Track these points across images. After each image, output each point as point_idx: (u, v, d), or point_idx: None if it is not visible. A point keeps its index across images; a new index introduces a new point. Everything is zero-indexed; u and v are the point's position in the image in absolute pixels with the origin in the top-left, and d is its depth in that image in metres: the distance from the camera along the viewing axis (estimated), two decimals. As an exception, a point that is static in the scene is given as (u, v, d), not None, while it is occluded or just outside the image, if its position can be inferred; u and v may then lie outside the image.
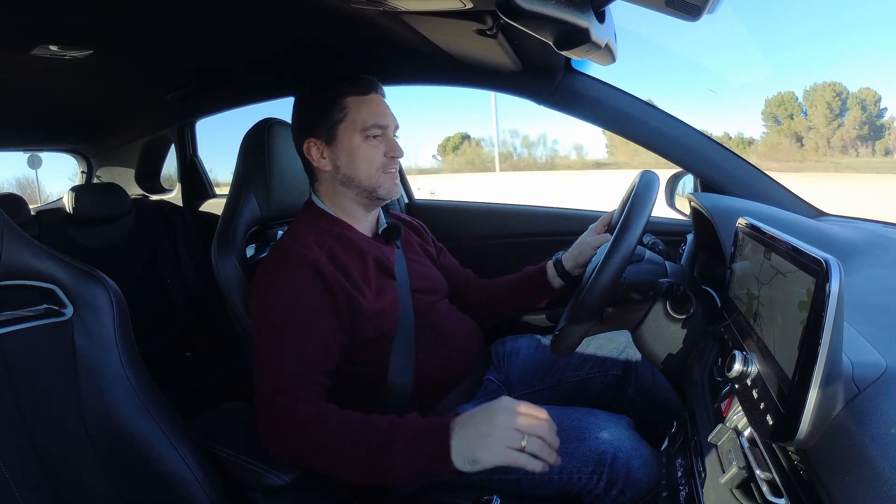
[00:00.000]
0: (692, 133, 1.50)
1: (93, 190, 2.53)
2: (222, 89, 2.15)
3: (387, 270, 1.28)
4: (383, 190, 1.27)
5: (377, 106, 1.25)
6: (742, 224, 0.85)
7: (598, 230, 1.40)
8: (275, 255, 1.19)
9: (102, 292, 0.96)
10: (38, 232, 2.29)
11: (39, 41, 1.34)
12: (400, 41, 1.39)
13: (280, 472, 1.05)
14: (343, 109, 1.23)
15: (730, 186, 1.46)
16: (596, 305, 1.01)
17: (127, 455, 0.94)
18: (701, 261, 1.36)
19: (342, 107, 1.23)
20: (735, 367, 0.68)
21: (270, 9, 1.27)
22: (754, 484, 0.62)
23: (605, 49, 0.92)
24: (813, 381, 0.51)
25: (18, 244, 0.87)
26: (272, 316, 1.11)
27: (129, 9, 1.23)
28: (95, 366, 0.93)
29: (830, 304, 0.50)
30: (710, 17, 0.88)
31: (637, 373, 1.36)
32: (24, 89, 1.89)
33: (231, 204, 1.36)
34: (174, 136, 2.69)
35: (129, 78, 1.90)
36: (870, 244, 1.12)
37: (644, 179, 1.10)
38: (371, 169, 1.24)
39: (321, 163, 1.26)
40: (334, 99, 1.23)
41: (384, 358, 1.21)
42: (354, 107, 1.23)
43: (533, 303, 1.50)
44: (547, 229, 1.90)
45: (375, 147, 1.24)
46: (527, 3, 0.69)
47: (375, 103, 1.25)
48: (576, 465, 1.06)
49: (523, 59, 1.41)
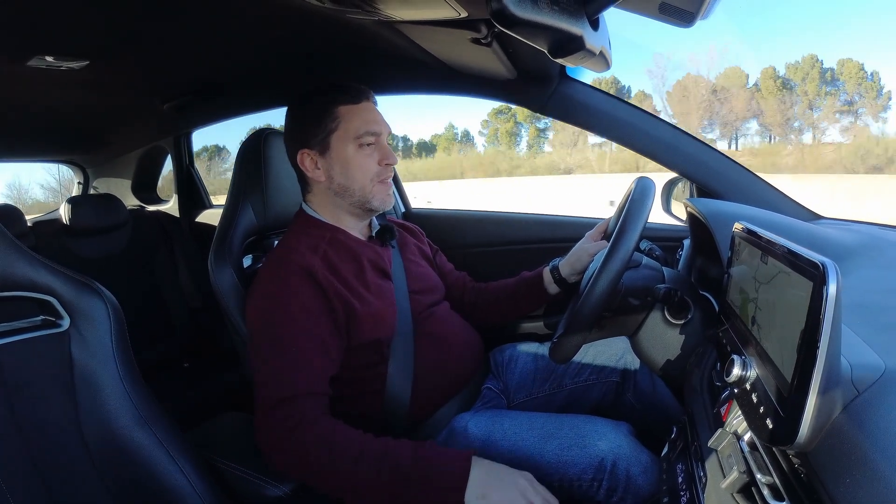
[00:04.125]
0: (687, 139, 1.50)
1: (89, 201, 2.52)
2: (218, 100, 2.15)
3: (382, 271, 1.28)
4: (377, 201, 1.26)
5: (369, 113, 1.25)
6: (738, 228, 0.86)
7: (595, 237, 1.40)
8: (269, 265, 1.19)
9: (99, 303, 0.96)
10: (34, 243, 2.28)
11: (35, 52, 1.34)
12: (395, 50, 1.40)
13: (279, 483, 1.05)
14: (335, 119, 1.22)
15: (725, 191, 1.46)
16: (594, 312, 1.01)
17: (125, 467, 0.93)
18: (698, 266, 1.36)
19: (334, 116, 1.23)
20: (734, 371, 0.68)
21: (266, 19, 1.28)
22: (755, 488, 0.62)
23: (600, 56, 0.92)
24: (812, 384, 0.51)
25: (15, 255, 0.87)
26: (270, 325, 1.11)
27: (124, 20, 1.23)
28: (93, 377, 0.93)
29: (828, 306, 0.50)
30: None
31: (636, 379, 1.36)
32: (19, 100, 1.89)
33: (228, 214, 1.36)
34: (170, 146, 2.70)
35: (124, 89, 1.90)
36: (866, 246, 1.13)
37: (640, 186, 1.11)
38: (365, 178, 1.24)
39: (315, 173, 1.25)
40: (326, 108, 1.23)
41: (382, 363, 1.21)
42: (347, 115, 1.23)
43: (528, 308, 1.49)
44: (544, 236, 1.90)
45: (369, 155, 1.24)
46: (521, 12, 0.69)
47: (367, 111, 1.25)
48: (576, 472, 1.06)
49: (518, 67, 1.42)
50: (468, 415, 1.23)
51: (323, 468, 0.99)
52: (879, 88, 34.06)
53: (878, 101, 33.75)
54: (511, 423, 1.17)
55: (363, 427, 1.05)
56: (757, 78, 38.39)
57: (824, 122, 36.45)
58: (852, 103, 35.45)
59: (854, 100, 35.47)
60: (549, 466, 1.08)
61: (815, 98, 36.25)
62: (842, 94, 36.12)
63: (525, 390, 1.42)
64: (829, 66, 36.39)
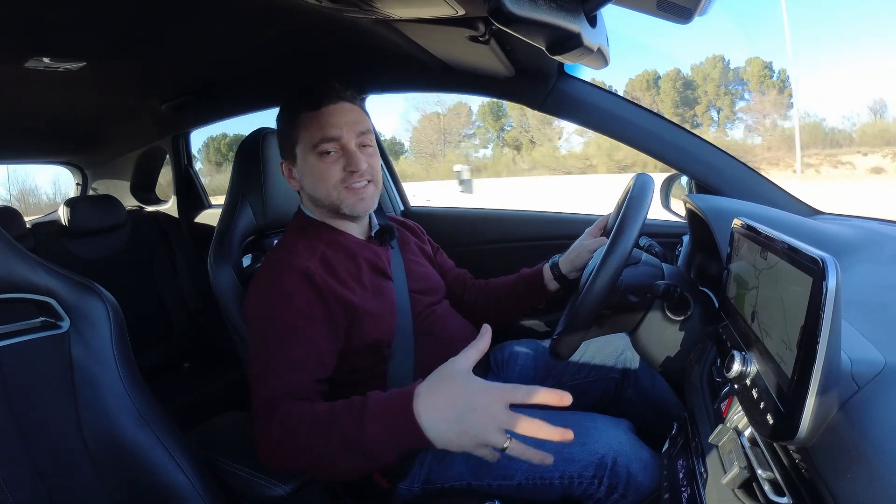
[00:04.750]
0: (685, 135, 1.50)
1: (88, 202, 2.52)
2: (217, 100, 2.15)
3: (382, 272, 1.27)
4: (346, 207, 1.22)
5: (329, 117, 1.18)
6: (738, 224, 0.86)
7: (595, 234, 1.39)
8: (266, 266, 1.18)
9: (99, 304, 0.96)
10: (33, 244, 2.28)
11: (33, 53, 1.34)
12: (392, 48, 1.39)
13: (279, 483, 1.04)
14: (297, 128, 1.19)
15: (724, 187, 1.46)
16: (594, 309, 1.01)
17: (125, 467, 0.93)
18: (697, 262, 1.36)
19: (296, 125, 1.20)
20: (734, 367, 0.68)
21: (263, 19, 1.28)
22: (756, 483, 0.62)
23: (598, 53, 0.92)
24: (812, 380, 0.51)
25: (14, 257, 0.87)
26: (264, 327, 1.10)
27: (122, 21, 1.23)
28: (93, 378, 0.93)
29: (828, 302, 0.50)
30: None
31: (636, 375, 1.36)
32: (17, 102, 1.89)
33: (227, 214, 1.36)
34: (169, 146, 2.69)
35: (122, 89, 1.90)
36: (866, 241, 1.13)
37: (639, 182, 1.10)
38: (328, 187, 1.20)
39: (292, 183, 1.26)
40: (290, 117, 1.21)
41: (382, 364, 1.20)
42: (306, 123, 1.19)
43: (528, 305, 1.48)
44: (543, 234, 1.90)
45: (333, 162, 1.18)
46: (518, 9, 0.69)
47: (327, 115, 1.18)
48: (576, 469, 1.06)
49: (516, 64, 1.42)
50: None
51: (291, 451, 0.93)
52: (782, 87, 33.63)
53: (780, 99, 33.28)
54: None
55: None
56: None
57: (727, 121, 36.32)
58: (750, 103, 35.14)
59: (750, 100, 35.24)
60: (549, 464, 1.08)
61: (715, 98, 36.02)
62: (746, 93, 35.86)
63: (525, 387, 1.41)
64: (738, 66, 36.03)
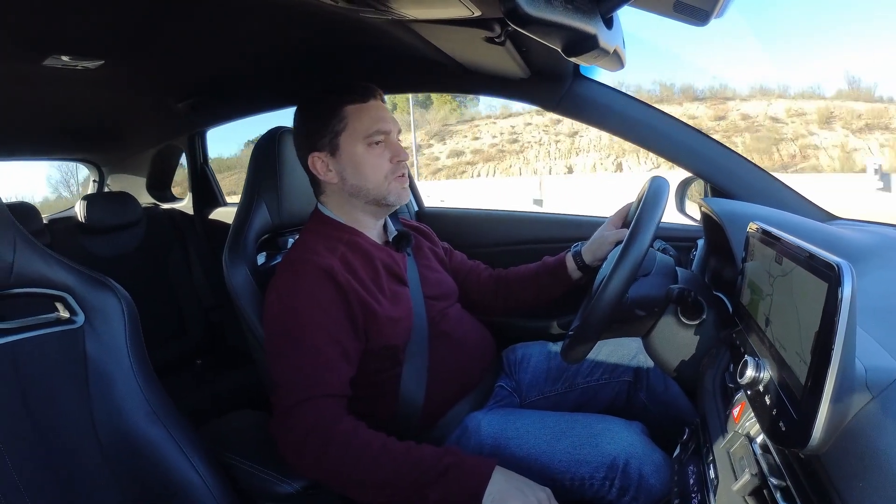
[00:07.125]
0: (701, 138, 1.49)
1: (104, 199, 2.55)
2: (232, 99, 2.16)
3: (398, 277, 1.27)
4: (393, 196, 1.26)
5: (377, 111, 1.24)
6: (753, 229, 0.85)
7: (616, 223, 1.39)
8: (287, 267, 1.19)
9: (114, 300, 0.97)
10: (50, 240, 2.30)
11: (51, 52, 1.35)
12: (408, 49, 1.40)
13: (290, 480, 1.05)
14: (343, 119, 1.22)
15: (740, 191, 1.45)
16: (604, 318, 1.00)
17: (137, 462, 0.94)
18: (712, 266, 1.35)
19: (342, 116, 1.22)
20: (747, 373, 0.67)
21: (279, 19, 1.28)
22: (767, 491, 0.61)
23: (614, 55, 0.92)
24: (826, 387, 0.50)
25: (31, 253, 0.88)
26: (289, 326, 1.11)
27: (139, 20, 1.24)
28: (106, 373, 0.94)
29: (843, 308, 0.50)
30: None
31: (649, 379, 1.35)
32: (35, 100, 1.91)
33: (242, 212, 1.37)
34: (184, 144, 2.72)
35: (139, 88, 1.92)
36: (882, 247, 1.11)
37: (654, 185, 1.10)
38: (379, 177, 1.23)
39: (328, 176, 1.25)
40: (333, 109, 1.23)
41: (397, 366, 1.21)
42: (354, 115, 1.22)
43: (551, 294, 1.47)
44: (556, 236, 1.89)
45: (380, 154, 1.23)
46: (534, 11, 0.68)
47: (375, 109, 1.24)
48: (588, 471, 1.06)
49: (531, 66, 1.41)
50: (481, 413, 1.23)
51: (344, 467, 1.00)
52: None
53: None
54: (523, 421, 1.17)
55: (376, 427, 1.06)
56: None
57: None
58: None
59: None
60: (560, 465, 1.08)
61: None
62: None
63: (537, 389, 1.41)
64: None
